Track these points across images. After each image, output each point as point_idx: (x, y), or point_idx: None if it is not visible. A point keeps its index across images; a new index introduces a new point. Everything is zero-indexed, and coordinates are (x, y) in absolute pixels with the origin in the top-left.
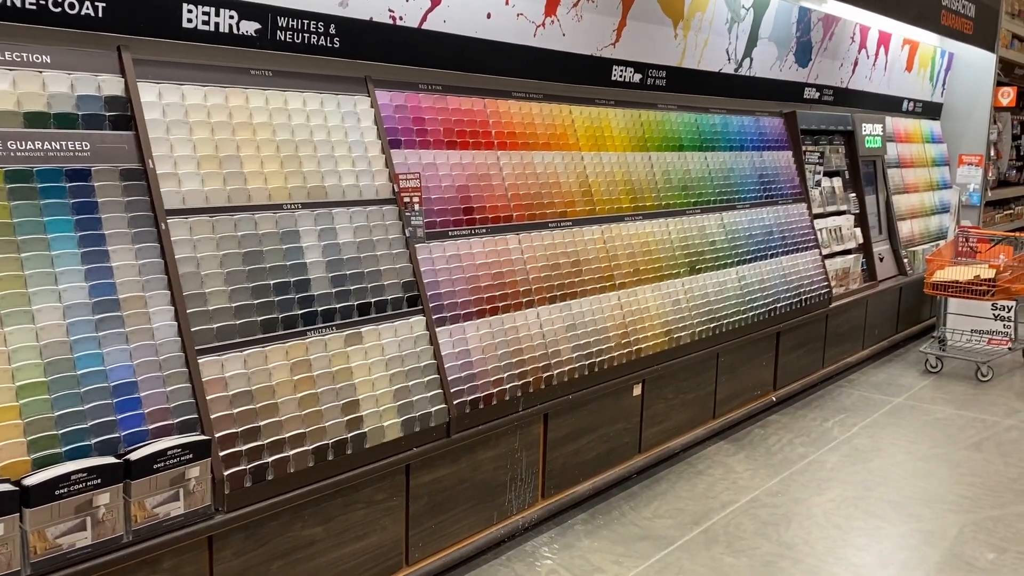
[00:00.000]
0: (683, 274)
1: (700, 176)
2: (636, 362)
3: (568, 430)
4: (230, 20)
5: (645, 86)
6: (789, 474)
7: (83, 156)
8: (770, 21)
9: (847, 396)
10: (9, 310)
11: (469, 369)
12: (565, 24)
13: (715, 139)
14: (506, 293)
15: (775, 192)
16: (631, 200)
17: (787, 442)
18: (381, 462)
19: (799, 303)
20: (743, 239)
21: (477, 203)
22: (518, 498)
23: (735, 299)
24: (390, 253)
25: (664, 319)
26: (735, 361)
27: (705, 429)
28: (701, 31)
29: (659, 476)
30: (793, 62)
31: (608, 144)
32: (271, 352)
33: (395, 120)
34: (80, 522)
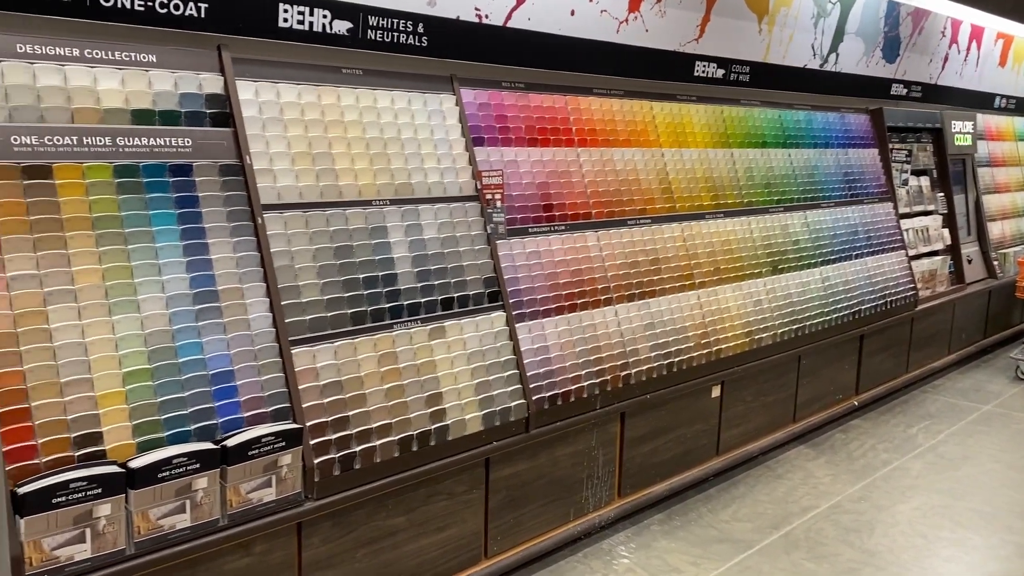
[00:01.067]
0: (765, 274)
1: (783, 173)
2: (715, 363)
3: (645, 430)
4: (324, 19)
5: (728, 82)
6: (872, 480)
7: (185, 152)
8: (857, 16)
9: (932, 402)
10: (117, 299)
11: (548, 365)
12: (648, 20)
13: (799, 136)
14: (585, 290)
15: (860, 191)
16: (712, 197)
17: (870, 448)
18: (462, 454)
19: (884, 305)
20: (827, 238)
21: (557, 200)
22: (595, 496)
23: (818, 300)
24: (472, 249)
25: (745, 319)
26: (817, 364)
27: (785, 432)
28: (786, 26)
29: (737, 479)
30: (880, 57)
31: (689, 140)
32: (360, 344)
33: (478, 118)
34: (180, 504)
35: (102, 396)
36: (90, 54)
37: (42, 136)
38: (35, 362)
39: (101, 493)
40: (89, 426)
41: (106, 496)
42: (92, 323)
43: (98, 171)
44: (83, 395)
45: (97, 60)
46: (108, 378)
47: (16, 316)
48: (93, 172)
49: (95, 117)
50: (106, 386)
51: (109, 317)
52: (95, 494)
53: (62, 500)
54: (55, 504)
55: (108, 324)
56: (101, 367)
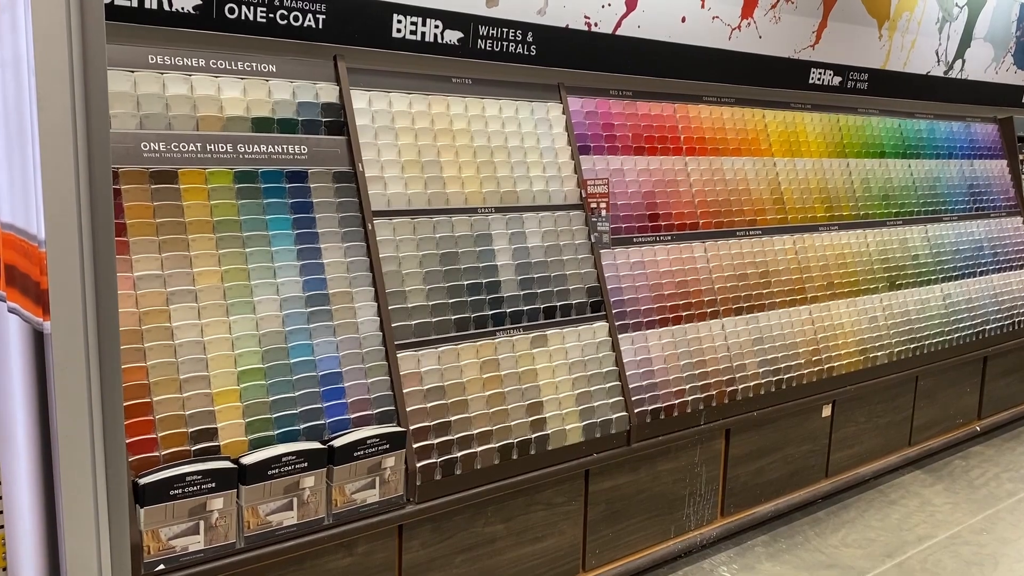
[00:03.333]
0: (881, 289)
1: (903, 185)
2: (826, 381)
3: (751, 448)
4: (436, 30)
5: (845, 89)
6: (995, 511)
7: (301, 159)
8: (987, 20)
9: None
10: (235, 300)
11: (651, 378)
12: (762, 26)
13: (920, 146)
14: (690, 302)
15: (986, 204)
16: (826, 209)
17: (993, 476)
18: (562, 465)
19: (1011, 326)
20: (949, 254)
21: (663, 209)
22: (696, 514)
23: (938, 318)
24: (576, 258)
25: (859, 337)
26: (936, 385)
27: (899, 456)
28: (908, 32)
29: (847, 503)
30: (1011, 64)
31: (803, 150)
32: (463, 350)
33: (585, 126)
34: (288, 502)
35: (218, 393)
36: (215, 64)
37: (169, 143)
38: (158, 359)
39: (215, 487)
40: (205, 422)
41: (219, 490)
42: (210, 323)
43: (220, 176)
44: (200, 392)
45: (221, 70)
46: (224, 376)
47: (142, 314)
48: (215, 177)
49: (218, 124)
50: (222, 384)
51: (226, 317)
52: (209, 488)
53: (179, 492)
54: (172, 496)
55: (225, 324)
56: (218, 365)
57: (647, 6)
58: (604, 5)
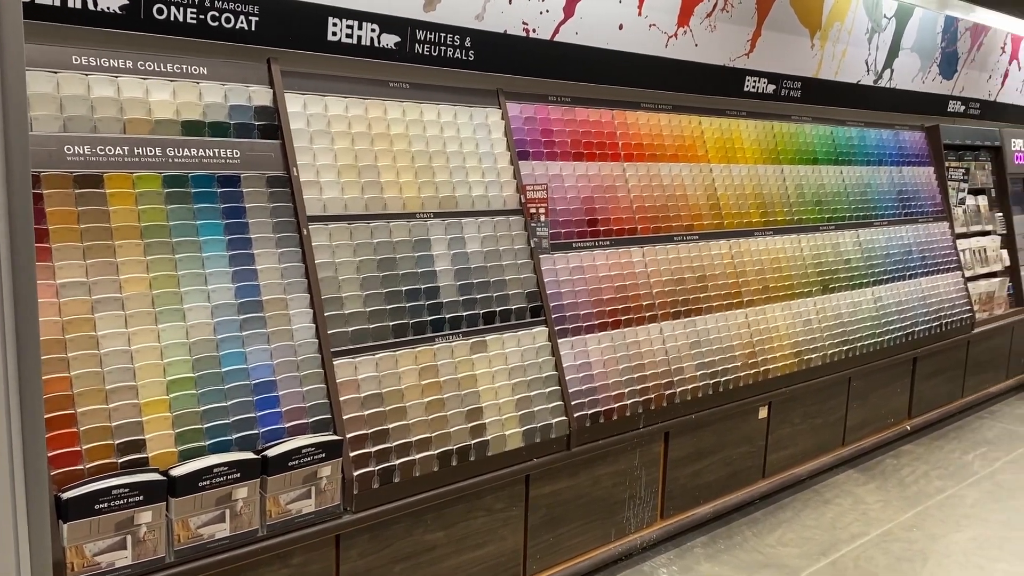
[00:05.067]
0: (815, 293)
1: (835, 191)
2: (763, 383)
3: (690, 450)
4: (372, 33)
5: (779, 97)
6: (925, 508)
7: (233, 163)
8: (913, 31)
9: (989, 428)
10: (164, 308)
11: (590, 382)
12: (698, 34)
13: (852, 153)
14: (629, 307)
15: (915, 209)
16: (761, 214)
17: (922, 474)
18: (502, 471)
19: (939, 327)
20: (880, 258)
21: (602, 215)
22: (636, 516)
23: (870, 321)
24: (515, 263)
25: (793, 339)
26: (868, 386)
27: (833, 456)
28: (839, 41)
29: (783, 503)
30: (937, 73)
31: (739, 156)
32: (401, 357)
33: (524, 132)
34: (220, 514)
35: (146, 404)
36: (143, 66)
37: (94, 146)
38: (82, 368)
39: (142, 500)
40: (132, 433)
41: (147, 503)
42: (138, 331)
43: (148, 181)
44: (128, 402)
45: (149, 72)
46: (152, 386)
47: (65, 323)
48: (143, 182)
49: (146, 128)
50: (150, 394)
51: (155, 325)
52: (136, 501)
53: (104, 506)
54: (97, 510)
55: (154, 332)
56: (146, 375)
57: (585, 13)
58: (542, 11)
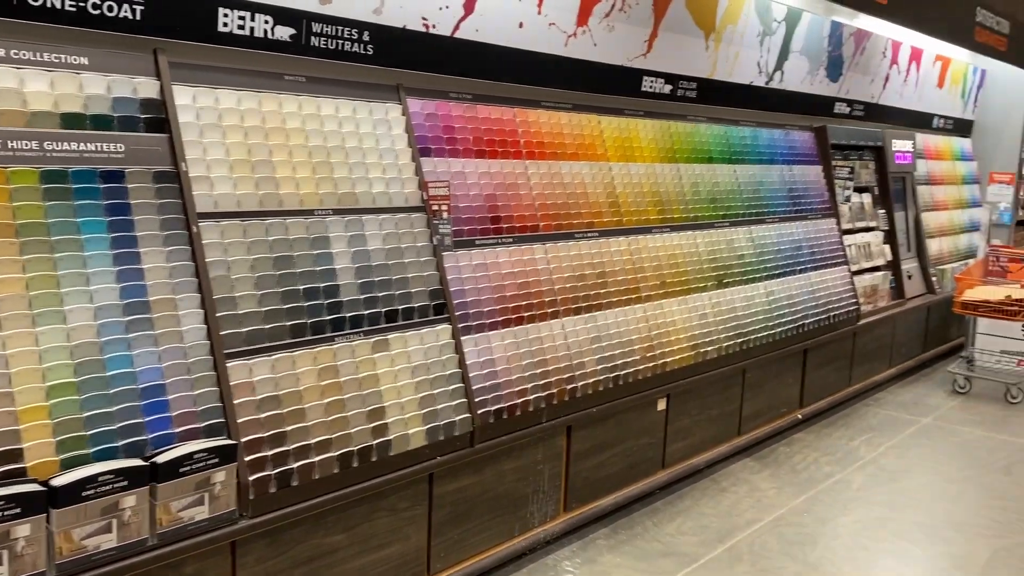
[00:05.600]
0: (710, 288)
1: (729, 189)
2: (661, 376)
3: (591, 443)
4: (265, 25)
5: (675, 97)
6: (815, 493)
7: (117, 158)
8: (802, 35)
9: (874, 415)
10: (42, 310)
11: (494, 379)
12: (597, 34)
13: (745, 152)
14: (531, 303)
15: (804, 206)
16: (659, 212)
17: (813, 460)
18: (405, 470)
19: (827, 320)
20: (772, 253)
21: (504, 212)
22: (540, 511)
23: (763, 314)
24: (418, 260)
25: (690, 333)
26: (761, 377)
27: (730, 446)
28: (733, 43)
29: (682, 492)
30: (824, 76)
31: (637, 155)
32: (299, 357)
33: (425, 128)
34: (106, 524)
35: (23, 411)
36: (16, 55)
37: None
38: None
39: (20, 513)
40: (8, 442)
41: (25, 516)
42: (14, 335)
43: (23, 176)
44: (2, 410)
45: (24, 61)
46: (30, 392)
47: None
48: (18, 177)
49: (21, 120)
50: (28, 400)
51: (33, 328)
52: (13, 514)
53: None
54: None
55: (31, 336)
56: (23, 381)
57: (485, 10)
58: (442, 7)
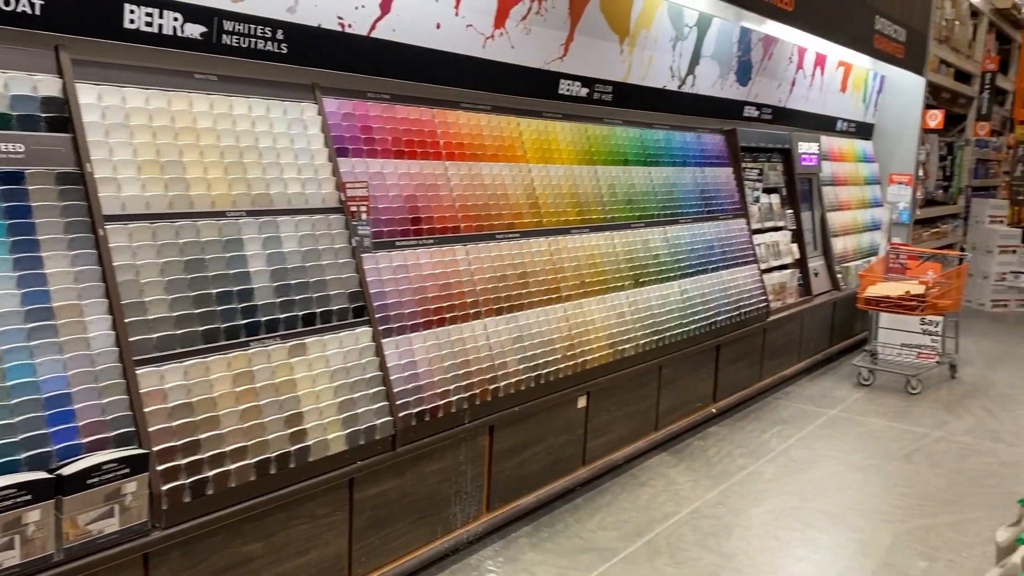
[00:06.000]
0: (628, 287)
1: (644, 190)
2: (581, 374)
3: (514, 442)
4: (174, 22)
5: (592, 100)
6: (729, 485)
7: (16, 158)
8: (712, 40)
9: (784, 408)
10: None
11: (415, 381)
12: (514, 36)
13: (659, 154)
14: (453, 304)
15: (716, 207)
16: (578, 213)
17: (726, 453)
18: (324, 476)
19: (738, 317)
20: (685, 253)
21: (425, 213)
22: (463, 511)
23: (678, 312)
24: (336, 262)
25: (609, 331)
26: (677, 373)
27: (647, 441)
28: (646, 48)
29: (603, 488)
30: (734, 80)
31: (555, 157)
32: (213, 363)
33: (343, 128)
34: (8, 540)
35: None
36: None
37: None
38: None
39: None
40: None
41: None
42: None
43: None
44: None
45: None
46: None
47: None
48: None
49: None
50: None
51: None
52: None
53: None
54: None
55: None
56: None
57: (401, 10)
58: (358, 7)
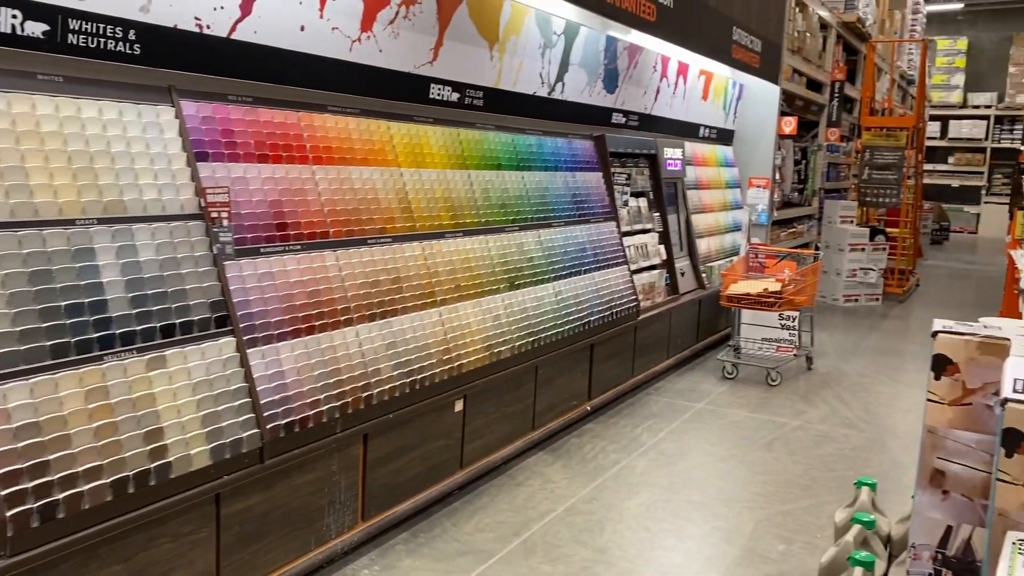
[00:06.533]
0: (503, 290)
1: (518, 194)
2: (458, 378)
3: (389, 449)
4: (13, 20)
5: (463, 105)
6: (602, 481)
7: None
8: (580, 48)
9: (655, 403)
10: None
11: (284, 391)
12: (382, 40)
13: (531, 159)
14: (323, 311)
15: (587, 211)
16: (451, 217)
17: (600, 449)
18: (188, 492)
19: (610, 316)
20: (559, 255)
21: (291, 218)
22: (337, 522)
23: (552, 313)
24: (196, 271)
25: (485, 334)
26: (552, 373)
27: (525, 441)
28: (516, 54)
29: (481, 490)
30: (602, 88)
31: (428, 161)
32: (62, 379)
33: (202, 132)
34: None
35: None
36: None
37: None
38: None
39: None
40: None
41: None
42: None
43: None
44: None
45: None
46: None
47: None
48: None
49: None
50: None
51: None
52: None
53: None
54: None
55: None
56: None
57: (263, 12)
58: (216, 8)
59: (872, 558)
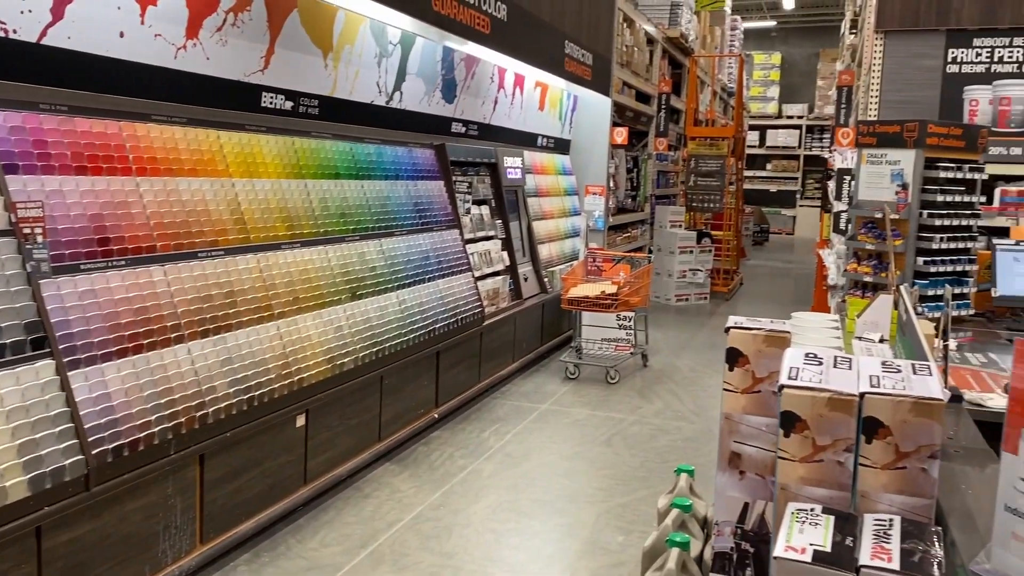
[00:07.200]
0: (344, 300)
1: (358, 203)
2: (299, 392)
3: (227, 469)
4: None
5: (297, 114)
6: (450, 487)
7: None
8: (417, 58)
9: (501, 406)
10: None
11: (111, 414)
12: (209, 48)
13: (371, 168)
14: (152, 329)
15: (430, 219)
16: (288, 228)
17: (448, 456)
18: (5, 527)
19: (456, 323)
20: (402, 264)
21: (114, 233)
22: (173, 547)
23: (396, 322)
24: (8, 291)
25: (326, 347)
26: (399, 383)
27: (371, 452)
28: (351, 63)
29: (327, 504)
30: (440, 98)
31: (261, 171)
32: None
33: (11, 143)
34: None
35: None
36: None
37: None
38: None
39: None
40: None
41: None
42: None
43: None
44: None
45: None
46: None
47: None
48: None
49: None
50: None
51: None
52: None
53: None
54: None
55: None
56: None
57: (76, 17)
58: (23, 11)
59: (688, 539)
